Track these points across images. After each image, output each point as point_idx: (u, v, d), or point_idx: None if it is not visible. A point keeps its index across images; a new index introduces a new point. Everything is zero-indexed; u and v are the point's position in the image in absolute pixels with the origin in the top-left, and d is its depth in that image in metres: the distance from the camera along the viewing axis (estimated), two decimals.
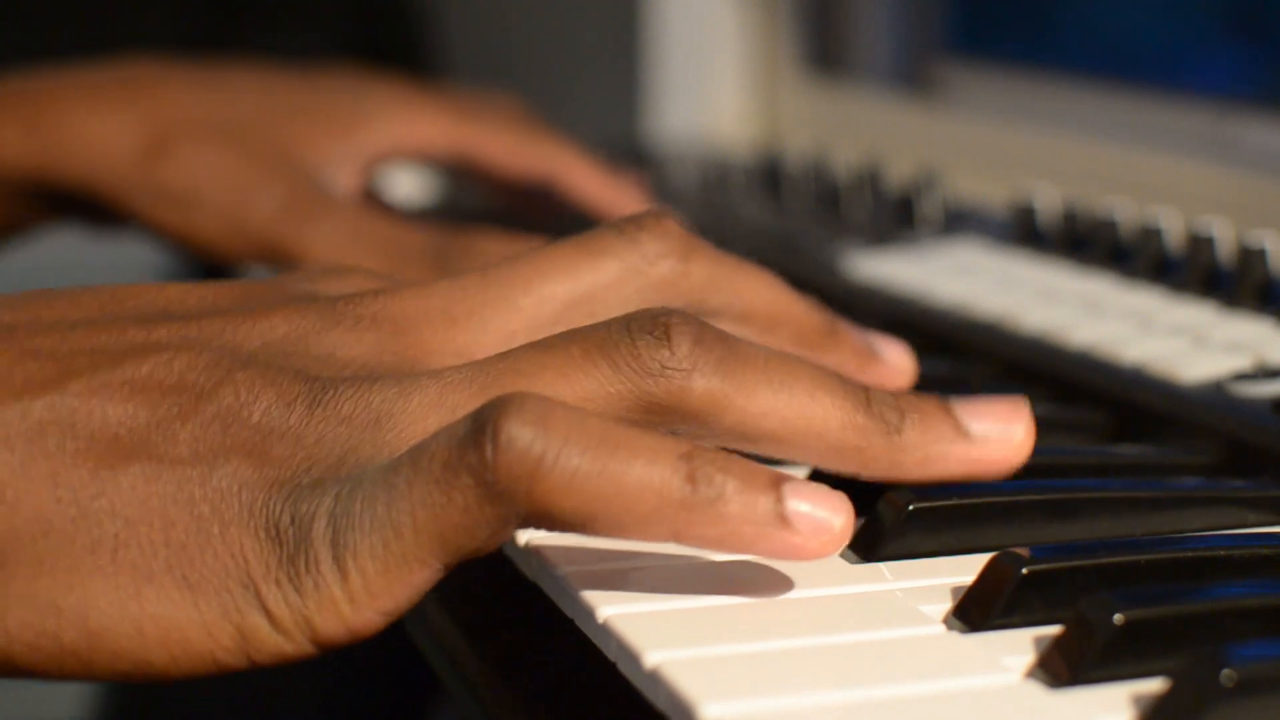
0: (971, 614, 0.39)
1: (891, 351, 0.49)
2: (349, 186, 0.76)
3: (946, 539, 0.43)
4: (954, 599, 0.40)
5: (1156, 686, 0.35)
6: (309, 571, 0.37)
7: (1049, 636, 0.37)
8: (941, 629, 0.39)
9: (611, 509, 0.37)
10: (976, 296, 0.64)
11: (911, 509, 0.42)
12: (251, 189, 0.72)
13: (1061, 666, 0.36)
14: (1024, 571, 0.39)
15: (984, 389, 0.51)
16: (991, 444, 0.42)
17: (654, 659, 0.37)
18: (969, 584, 0.40)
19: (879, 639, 0.38)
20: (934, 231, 0.75)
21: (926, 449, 0.42)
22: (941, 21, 1.07)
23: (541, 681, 0.42)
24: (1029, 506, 0.44)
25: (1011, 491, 0.44)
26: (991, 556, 0.40)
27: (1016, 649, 0.38)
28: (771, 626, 0.38)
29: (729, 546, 0.38)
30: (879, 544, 0.42)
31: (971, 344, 0.61)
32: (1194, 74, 0.95)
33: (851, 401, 0.41)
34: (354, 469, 0.38)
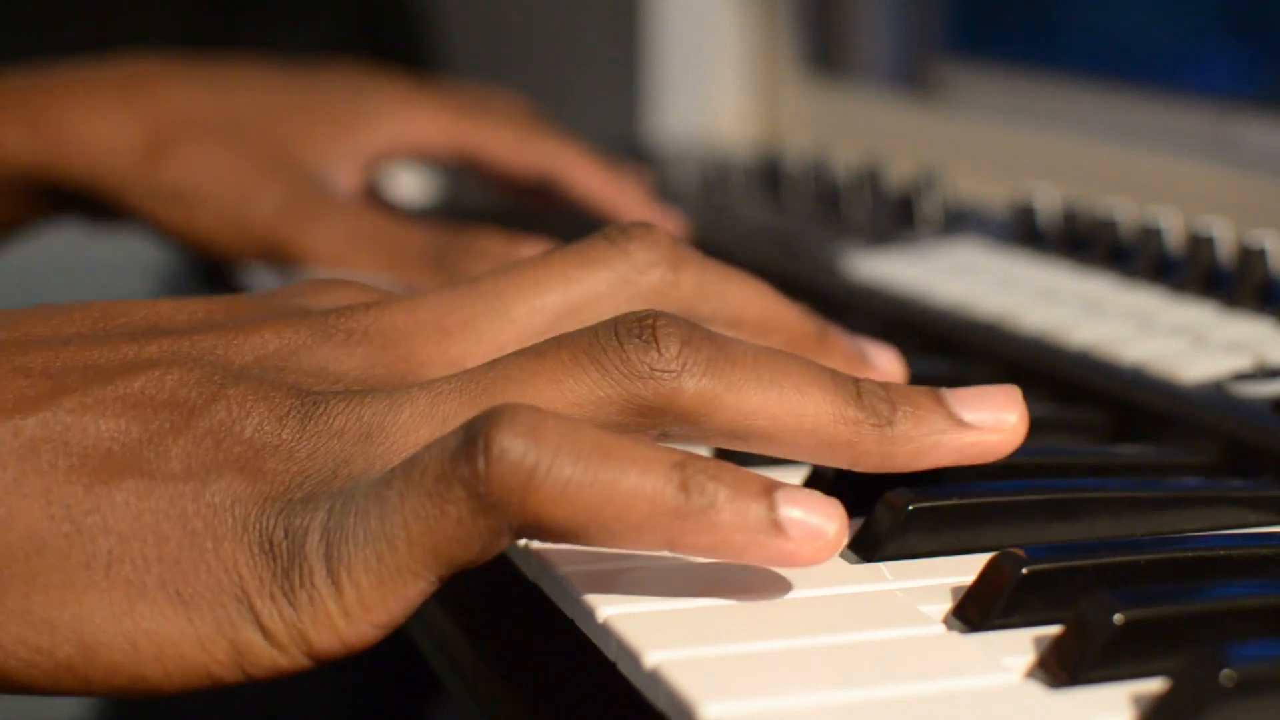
0: (971, 614, 0.39)
1: (882, 357, 0.49)
2: (350, 185, 0.76)
3: (946, 539, 0.43)
4: (954, 599, 0.40)
5: (1156, 686, 0.35)
6: (303, 585, 0.37)
7: (1049, 636, 0.37)
8: (941, 629, 0.39)
9: (604, 518, 0.37)
10: (976, 296, 0.63)
11: (911, 509, 0.42)
12: (252, 187, 0.72)
13: (1061, 667, 0.36)
14: (1024, 571, 0.39)
15: None
16: (985, 431, 0.42)
17: (654, 659, 0.37)
18: (969, 584, 0.40)
19: (879, 639, 0.38)
20: (934, 231, 0.75)
21: (919, 440, 0.41)
22: (941, 21, 1.07)
23: (541, 681, 0.42)
24: (1029, 506, 0.44)
25: (1011, 491, 0.44)
26: (991, 556, 0.40)
27: (1016, 649, 0.38)
28: (771, 626, 0.38)
29: (722, 554, 0.38)
30: (879, 544, 0.42)
31: (971, 344, 0.61)
32: (1194, 74, 0.95)
33: (842, 395, 0.41)
34: (347, 483, 0.38)
